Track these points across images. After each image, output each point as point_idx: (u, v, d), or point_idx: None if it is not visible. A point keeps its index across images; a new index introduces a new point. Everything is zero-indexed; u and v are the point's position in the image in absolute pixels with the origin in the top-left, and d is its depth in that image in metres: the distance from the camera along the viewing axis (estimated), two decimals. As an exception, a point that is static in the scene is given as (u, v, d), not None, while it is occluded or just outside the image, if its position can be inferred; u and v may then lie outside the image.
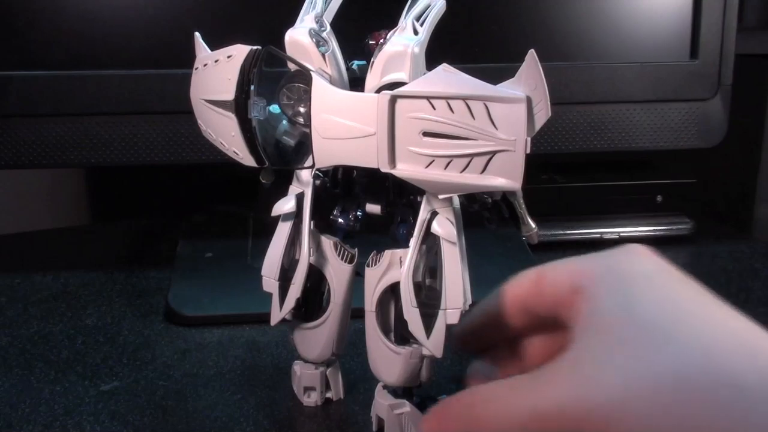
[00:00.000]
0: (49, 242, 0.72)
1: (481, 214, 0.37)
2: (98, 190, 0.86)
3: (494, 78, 0.33)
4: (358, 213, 0.40)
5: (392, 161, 0.34)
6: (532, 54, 0.32)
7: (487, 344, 0.39)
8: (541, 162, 0.73)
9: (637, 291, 0.32)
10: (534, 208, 0.38)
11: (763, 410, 0.26)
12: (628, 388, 0.28)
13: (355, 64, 0.38)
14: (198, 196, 0.78)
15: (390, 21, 0.37)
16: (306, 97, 0.36)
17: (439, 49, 0.36)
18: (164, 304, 0.56)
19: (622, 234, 0.68)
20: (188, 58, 0.39)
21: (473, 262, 0.37)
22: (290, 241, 0.40)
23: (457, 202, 0.36)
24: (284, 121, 0.38)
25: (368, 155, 0.35)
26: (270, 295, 0.40)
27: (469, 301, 0.36)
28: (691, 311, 0.31)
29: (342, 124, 0.35)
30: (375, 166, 0.35)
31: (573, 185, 0.70)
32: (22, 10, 0.54)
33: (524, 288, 0.36)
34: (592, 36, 0.59)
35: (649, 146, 0.61)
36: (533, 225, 0.37)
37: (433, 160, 0.33)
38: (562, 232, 0.68)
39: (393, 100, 0.33)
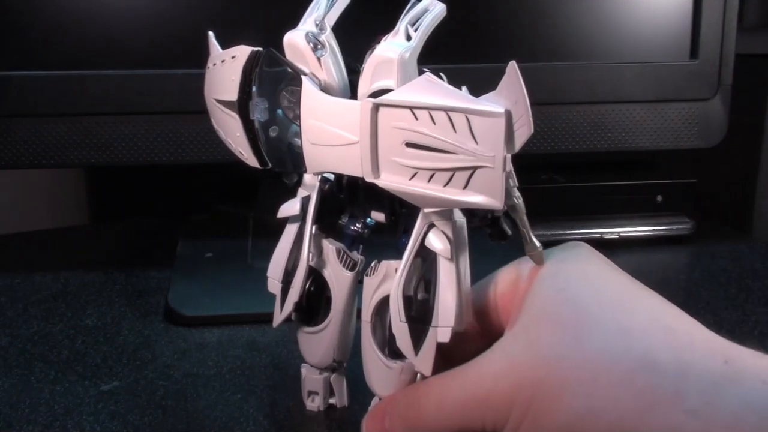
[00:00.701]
0: (49, 242, 0.72)
1: (482, 229, 0.36)
2: (98, 190, 0.86)
3: (494, 78, 0.33)
4: (367, 220, 0.39)
5: (376, 171, 0.33)
6: (512, 66, 0.30)
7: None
8: (541, 162, 0.73)
9: (569, 280, 0.33)
10: (534, 208, 0.37)
11: (673, 383, 0.28)
12: (554, 367, 0.30)
13: None
14: (198, 196, 0.78)
15: (391, 25, 0.37)
16: None
17: (438, 50, 0.36)
18: (164, 304, 0.56)
19: (622, 234, 0.69)
20: (188, 58, 0.39)
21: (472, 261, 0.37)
22: (295, 244, 0.39)
23: (460, 215, 0.35)
24: (294, 124, 0.38)
25: (353, 163, 0.34)
26: (273, 295, 0.40)
27: (469, 320, 0.35)
28: (616, 297, 0.32)
29: (328, 131, 0.34)
30: (360, 175, 0.34)
31: (573, 185, 0.70)
32: (22, 10, 0.54)
33: (498, 291, 0.37)
34: (592, 36, 0.59)
35: (649, 146, 0.61)
36: (538, 244, 0.35)
37: (416, 172, 0.32)
38: (562, 232, 0.68)
39: (375, 108, 0.32)
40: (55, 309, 0.56)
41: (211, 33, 0.39)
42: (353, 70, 0.37)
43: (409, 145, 0.32)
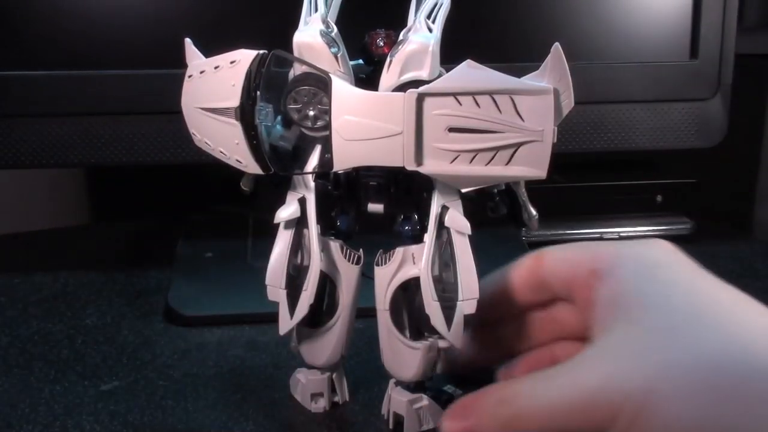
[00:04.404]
0: (49, 242, 0.72)
1: (485, 204, 0.38)
2: (98, 190, 0.86)
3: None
4: (356, 213, 0.40)
5: (418, 159, 0.34)
6: (557, 47, 0.33)
7: (493, 317, 0.40)
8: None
9: (661, 278, 0.33)
10: (534, 208, 0.39)
11: None
12: (664, 375, 0.29)
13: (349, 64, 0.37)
14: (198, 196, 0.78)
15: (386, 21, 0.37)
16: (315, 100, 0.36)
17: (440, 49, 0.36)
18: (164, 304, 0.56)
19: (622, 234, 0.68)
20: (188, 58, 0.39)
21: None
22: (293, 248, 0.39)
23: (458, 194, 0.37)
24: (278, 126, 0.38)
25: (393, 154, 0.35)
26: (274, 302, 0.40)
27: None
28: (715, 299, 0.32)
29: (366, 125, 0.35)
30: (400, 165, 0.35)
31: (573, 185, 0.70)
32: (21, 10, 0.54)
33: (535, 266, 0.39)
34: (592, 36, 0.59)
35: (649, 146, 0.61)
36: (534, 212, 0.38)
37: (458, 155, 0.34)
38: (562, 232, 0.68)
39: (420, 98, 0.33)
40: (55, 309, 0.56)
41: (188, 40, 0.38)
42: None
43: (452, 129, 0.34)
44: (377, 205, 0.39)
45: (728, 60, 0.60)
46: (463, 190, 0.36)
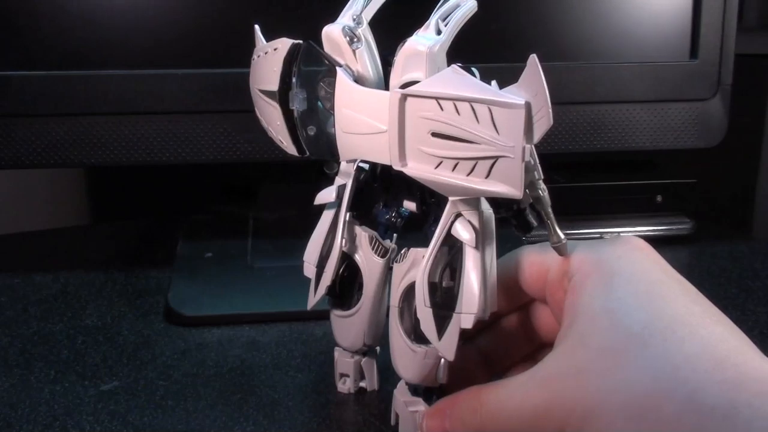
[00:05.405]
0: (49, 242, 0.72)
1: (509, 220, 0.36)
2: (98, 190, 0.86)
3: (491, 77, 0.33)
4: (401, 210, 0.40)
5: (403, 159, 0.35)
6: (533, 59, 0.31)
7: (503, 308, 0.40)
8: (541, 162, 0.72)
9: (624, 293, 0.33)
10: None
11: (720, 427, 0.28)
12: (603, 399, 0.30)
13: None
14: (198, 196, 0.78)
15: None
16: None
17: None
18: (164, 304, 0.56)
19: (622, 234, 0.68)
20: (189, 58, 0.39)
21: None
22: (330, 230, 0.41)
23: (488, 206, 0.36)
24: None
25: (382, 151, 0.35)
26: (308, 279, 0.42)
27: (494, 308, 0.36)
28: (669, 320, 0.32)
29: (359, 119, 0.36)
30: (388, 163, 0.35)
31: (573, 185, 0.70)
32: (21, 10, 0.54)
33: (522, 267, 0.38)
34: (592, 36, 0.59)
35: (649, 146, 0.61)
36: (562, 236, 0.36)
37: (441, 161, 0.33)
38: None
39: (403, 99, 0.34)
40: (55, 309, 0.56)
41: (256, 26, 0.41)
42: (389, 63, 0.37)
43: (434, 134, 0.33)
44: (411, 203, 0.40)
45: (728, 60, 0.60)
46: (452, 199, 0.35)
